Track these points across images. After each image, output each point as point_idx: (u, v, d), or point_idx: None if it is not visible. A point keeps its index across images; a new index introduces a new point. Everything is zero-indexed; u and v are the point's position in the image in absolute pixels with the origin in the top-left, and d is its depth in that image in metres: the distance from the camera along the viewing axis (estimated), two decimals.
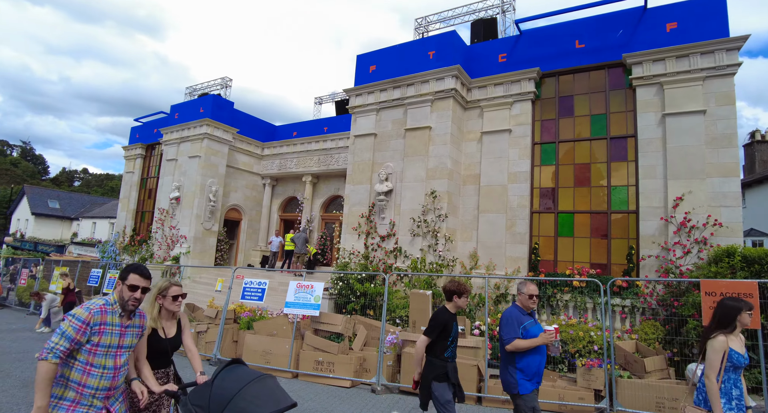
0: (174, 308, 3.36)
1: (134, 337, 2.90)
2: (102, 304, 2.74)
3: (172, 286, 3.37)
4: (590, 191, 10.52)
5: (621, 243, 10.03)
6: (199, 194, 16.57)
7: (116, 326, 2.76)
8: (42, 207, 36.82)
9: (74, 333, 2.56)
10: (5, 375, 6.78)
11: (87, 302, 2.74)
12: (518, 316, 4.03)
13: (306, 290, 7.94)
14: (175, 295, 3.36)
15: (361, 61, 13.11)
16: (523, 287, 4.12)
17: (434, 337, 4.03)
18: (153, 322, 3.24)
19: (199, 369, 3.39)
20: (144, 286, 2.83)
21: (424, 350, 4.10)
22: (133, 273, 2.83)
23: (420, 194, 11.11)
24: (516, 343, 3.88)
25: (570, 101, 11.06)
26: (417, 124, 11.47)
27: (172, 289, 3.36)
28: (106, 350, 2.70)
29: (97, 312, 2.68)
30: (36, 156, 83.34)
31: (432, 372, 4.01)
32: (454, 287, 4.19)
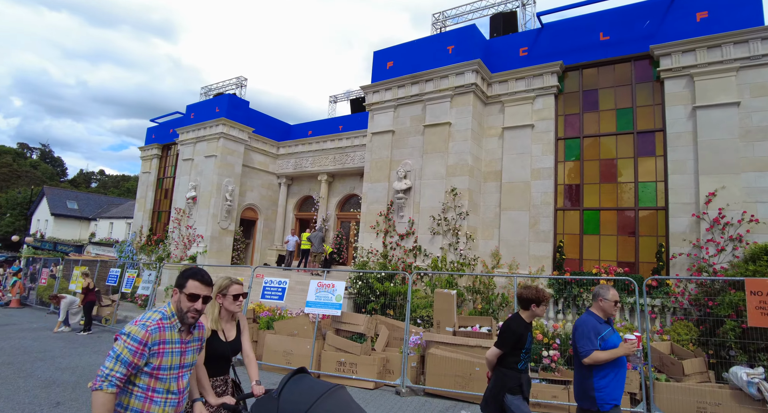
0: (234, 308, 3.09)
1: (195, 353, 2.53)
2: (159, 319, 2.33)
3: (232, 284, 3.10)
4: (616, 188, 10.20)
5: (649, 241, 9.70)
6: (215, 194, 16.54)
7: (176, 343, 2.36)
8: (61, 208, 37.34)
9: (131, 355, 2.17)
10: (27, 375, 6.74)
11: (142, 318, 2.30)
12: (594, 325, 3.61)
13: (327, 290, 7.78)
14: (236, 294, 3.09)
15: (378, 57, 12.93)
16: (606, 292, 3.67)
17: (507, 350, 3.70)
18: (213, 324, 2.97)
19: (255, 378, 3.13)
20: (205, 294, 2.45)
21: (495, 362, 3.81)
22: (192, 280, 2.41)
23: (440, 191, 10.89)
24: (595, 356, 3.47)
25: (594, 95, 10.75)
26: (436, 120, 11.25)
27: (232, 287, 3.09)
28: (168, 373, 2.32)
29: (154, 329, 2.26)
30: (55, 158, 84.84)
31: (505, 384, 3.68)
32: (532, 295, 3.79)
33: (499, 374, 3.77)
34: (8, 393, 5.84)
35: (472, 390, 6.59)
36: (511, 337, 3.71)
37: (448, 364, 6.71)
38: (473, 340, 7.09)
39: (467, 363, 6.64)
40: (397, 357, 7.38)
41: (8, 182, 59.82)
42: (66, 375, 6.86)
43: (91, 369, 7.36)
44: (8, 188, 55.82)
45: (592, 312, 3.74)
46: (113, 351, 2.19)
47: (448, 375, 6.70)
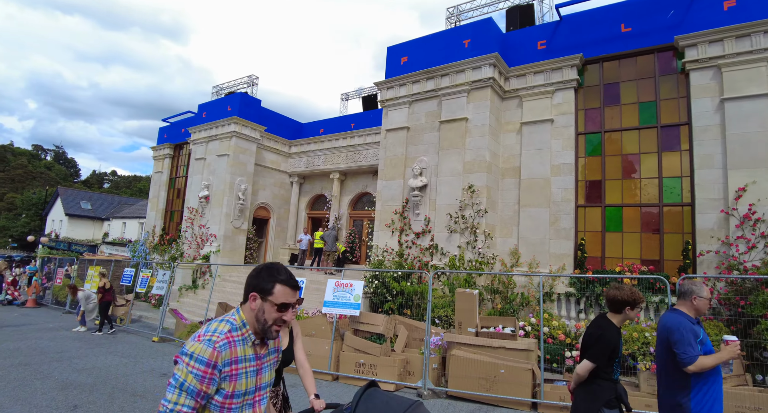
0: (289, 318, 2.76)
1: (272, 369, 2.02)
2: (227, 331, 1.79)
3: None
4: (640, 183, 9.90)
5: (675, 238, 9.39)
6: (228, 193, 16.48)
7: (251, 360, 1.85)
8: (75, 208, 37.69)
9: (198, 383, 1.67)
10: (44, 377, 6.66)
11: (205, 330, 1.79)
12: (691, 327, 3.18)
13: (345, 289, 7.61)
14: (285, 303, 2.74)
15: (391, 52, 12.73)
16: (701, 289, 3.30)
17: (603, 362, 3.26)
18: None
19: (312, 391, 2.70)
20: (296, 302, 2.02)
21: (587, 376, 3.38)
22: (282, 285, 1.87)
23: (457, 188, 10.67)
24: (700, 362, 3.03)
25: (616, 89, 10.44)
26: (452, 115, 11.02)
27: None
28: (242, 399, 1.81)
29: (224, 344, 1.74)
30: (68, 160, 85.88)
31: (600, 397, 3.25)
32: (626, 296, 3.32)
33: (593, 387, 3.31)
34: (26, 396, 5.76)
35: (497, 392, 6.38)
36: (606, 348, 3.26)
37: (471, 366, 6.51)
38: (497, 341, 6.88)
39: (492, 365, 6.43)
40: (418, 359, 7.19)
41: (23, 184, 60.62)
42: (83, 377, 6.78)
43: (108, 370, 7.27)
44: (24, 189, 56.56)
45: (682, 312, 3.30)
46: (174, 378, 1.69)
47: (471, 378, 6.50)
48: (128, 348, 9.37)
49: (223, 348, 1.73)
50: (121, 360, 8.09)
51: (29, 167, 67.51)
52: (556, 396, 6.24)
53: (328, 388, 6.89)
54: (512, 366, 6.41)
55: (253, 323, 1.86)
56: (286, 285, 1.88)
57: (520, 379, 6.31)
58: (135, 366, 7.75)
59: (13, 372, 6.87)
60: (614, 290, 3.41)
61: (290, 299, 1.90)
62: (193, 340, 1.74)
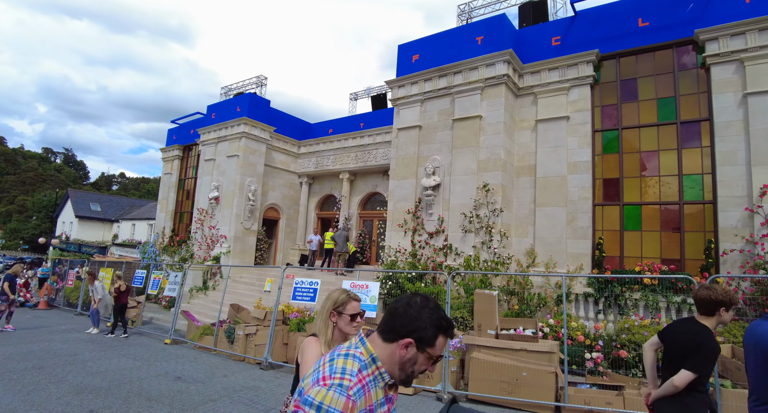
0: (351, 330, 2.44)
1: None
2: (358, 371, 1.41)
3: (350, 301, 2.48)
4: (659, 181, 9.68)
5: (696, 237, 9.17)
6: (238, 194, 16.41)
7: (382, 405, 1.47)
8: (85, 210, 37.90)
9: None
10: (59, 381, 6.58)
11: (330, 370, 1.39)
12: None
13: (361, 290, 7.48)
14: (354, 314, 2.48)
15: (402, 51, 12.58)
16: None
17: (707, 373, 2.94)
18: (326, 348, 2.35)
19: None
20: None
21: None
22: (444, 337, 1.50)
23: (471, 187, 10.51)
24: None
25: (633, 85, 10.24)
26: (466, 113, 10.85)
27: (350, 305, 2.46)
28: None
29: (358, 391, 1.37)
30: (77, 162, 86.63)
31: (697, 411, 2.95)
32: (721, 297, 2.98)
33: (687, 400, 2.96)
34: (40, 401, 5.67)
35: (519, 396, 6.22)
36: (712, 357, 2.91)
37: (492, 369, 6.34)
38: (518, 343, 6.72)
39: (513, 368, 6.26)
40: None
41: (34, 186, 61.16)
42: (97, 381, 6.69)
43: (122, 374, 7.19)
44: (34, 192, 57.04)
45: None
46: None
47: (492, 381, 6.33)
48: (141, 350, 9.29)
49: (358, 396, 1.36)
50: (134, 363, 8.01)
51: (39, 169, 68.13)
52: (581, 399, 6.06)
53: None
54: (535, 368, 6.24)
55: (392, 367, 1.47)
56: (448, 336, 1.51)
57: (543, 382, 6.14)
58: (149, 369, 7.67)
59: (27, 375, 6.80)
60: (705, 290, 3.05)
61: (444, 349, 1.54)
62: (317, 385, 1.34)
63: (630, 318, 8.57)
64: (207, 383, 6.88)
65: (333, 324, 2.42)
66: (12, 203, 59.79)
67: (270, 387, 6.84)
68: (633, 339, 7.91)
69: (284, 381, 7.24)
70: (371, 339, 1.51)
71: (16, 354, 8.27)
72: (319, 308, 2.46)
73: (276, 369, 8.12)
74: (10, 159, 72.48)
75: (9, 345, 9.01)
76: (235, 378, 7.26)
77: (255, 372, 7.74)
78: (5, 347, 8.84)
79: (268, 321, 8.91)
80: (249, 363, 8.50)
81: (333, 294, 2.52)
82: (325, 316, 2.41)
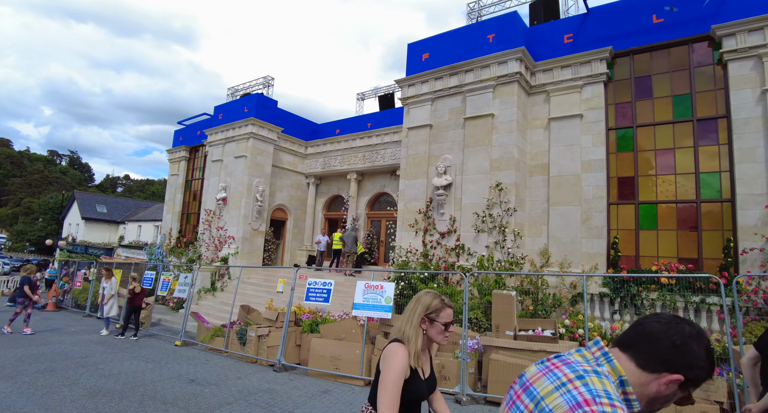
0: (442, 341, 2.19)
1: None
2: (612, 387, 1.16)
3: (445, 307, 2.19)
4: (675, 179, 9.54)
5: (714, 235, 9.02)
6: (246, 195, 16.35)
7: None
8: (91, 212, 37.96)
9: None
10: (72, 384, 6.50)
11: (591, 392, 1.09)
12: None
13: (376, 291, 7.37)
14: (448, 322, 2.19)
15: (412, 49, 12.48)
16: None
17: None
18: (415, 360, 2.09)
19: None
20: None
21: None
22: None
23: (483, 186, 10.39)
24: None
25: (647, 82, 10.09)
26: (478, 112, 10.74)
27: (445, 312, 2.18)
28: None
29: None
30: (82, 164, 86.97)
31: None
32: None
33: None
34: (55, 404, 5.59)
35: None
36: None
37: (512, 371, 6.22)
38: (537, 344, 6.59)
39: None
40: (452, 363, 6.92)
41: (40, 188, 61.40)
42: (110, 383, 6.61)
43: (134, 376, 7.11)
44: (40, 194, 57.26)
45: None
46: None
47: (509, 382, 6.20)
48: (152, 352, 9.21)
49: None
50: (146, 365, 7.93)
51: (45, 172, 68.41)
52: None
53: (360, 394, 6.65)
54: None
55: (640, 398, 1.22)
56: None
57: None
58: (161, 371, 7.59)
59: (39, 378, 6.73)
60: None
61: None
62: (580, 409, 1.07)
63: None
64: (221, 385, 6.79)
65: (423, 331, 2.17)
66: (18, 205, 60.04)
67: (285, 389, 6.74)
68: None
69: (299, 383, 7.15)
70: (623, 364, 1.24)
71: (27, 356, 8.21)
72: (405, 313, 2.20)
73: (289, 370, 8.02)
74: (16, 162, 72.84)
75: (20, 347, 8.96)
76: (249, 381, 7.16)
77: (268, 374, 7.64)
78: (16, 349, 8.78)
79: (280, 323, 8.81)
80: (261, 364, 8.41)
81: (424, 298, 2.22)
82: (416, 322, 2.13)
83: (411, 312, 2.17)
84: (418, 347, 2.10)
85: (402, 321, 2.18)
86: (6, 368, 7.22)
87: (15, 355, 8.22)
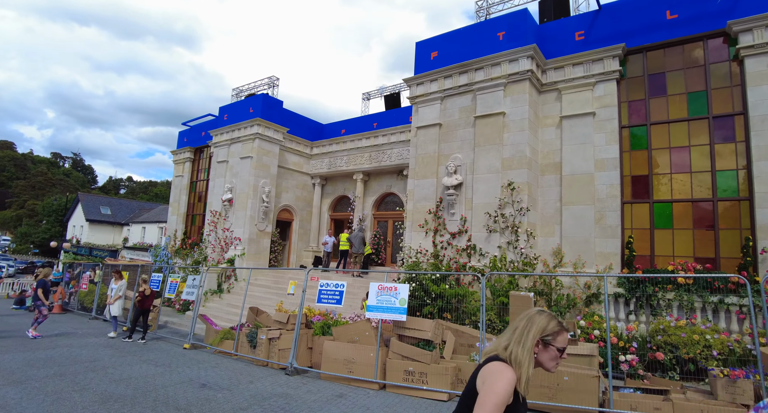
0: (553, 367, 1.98)
1: None
2: None
3: (562, 331, 1.96)
4: (690, 177, 9.38)
5: (731, 234, 8.86)
6: (252, 195, 16.24)
7: None
8: (95, 214, 37.93)
9: None
10: (82, 389, 6.38)
11: None
12: None
13: (389, 293, 7.24)
14: (564, 348, 1.97)
15: (420, 47, 12.35)
16: None
17: None
18: (525, 386, 1.86)
19: None
20: None
21: None
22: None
23: (495, 186, 10.25)
24: None
25: (661, 79, 9.94)
26: (489, 110, 10.60)
27: (562, 336, 1.96)
28: None
29: None
30: (86, 167, 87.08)
31: None
32: None
33: None
34: (66, 410, 5.47)
35: (561, 401, 5.95)
36: None
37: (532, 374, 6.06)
38: None
39: (554, 373, 5.99)
40: (469, 366, 6.79)
41: (43, 191, 61.46)
42: (121, 388, 6.49)
43: (145, 381, 6.99)
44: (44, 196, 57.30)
45: None
46: None
47: (532, 386, 6.06)
48: (161, 355, 9.10)
49: None
50: (156, 369, 7.81)
51: (48, 174, 68.49)
52: (626, 404, 5.80)
53: (375, 399, 6.52)
54: (577, 372, 5.98)
55: None
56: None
57: (587, 387, 5.88)
58: (171, 375, 7.47)
59: (49, 383, 6.61)
60: None
61: None
62: None
63: (665, 318, 8.28)
64: (234, 390, 6.67)
65: (535, 355, 1.93)
66: (22, 207, 60.12)
67: (299, 393, 6.61)
68: (669, 340, 7.62)
69: (312, 387, 7.02)
70: None
71: (35, 360, 8.10)
72: (514, 333, 1.95)
73: (302, 374, 7.89)
74: (20, 164, 72.98)
75: (27, 351, 8.85)
76: (262, 385, 7.03)
77: (281, 378, 7.52)
78: (24, 353, 8.68)
79: (291, 325, 8.69)
80: (273, 368, 8.28)
81: (539, 319, 1.96)
82: (530, 345, 1.88)
83: (523, 333, 1.92)
84: (530, 372, 1.88)
85: (509, 340, 1.94)
86: (15, 373, 7.12)
87: (23, 359, 8.12)
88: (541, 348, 1.92)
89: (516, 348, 1.88)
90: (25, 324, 12.59)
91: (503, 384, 1.73)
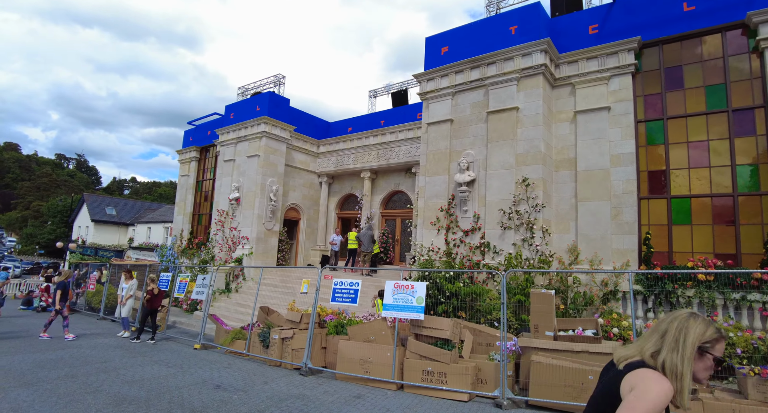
0: (705, 378, 1.74)
1: None
2: None
3: (721, 338, 1.73)
4: (709, 172, 9.19)
5: (753, 230, 8.66)
6: (259, 194, 16.12)
7: None
8: (100, 214, 37.90)
9: None
10: (95, 391, 6.26)
11: None
12: None
13: (406, 291, 7.09)
14: (720, 358, 1.75)
15: (430, 43, 12.19)
16: None
17: None
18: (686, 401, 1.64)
19: None
20: None
21: None
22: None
23: (509, 182, 10.08)
24: None
25: (678, 72, 9.75)
26: (502, 105, 10.43)
27: (720, 344, 1.73)
28: None
29: None
30: (90, 168, 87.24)
31: None
32: None
33: None
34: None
35: (585, 401, 5.77)
36: None
37: (555, 373, 5.92)
38: (578, 345, 6.29)
39: (578, 372, 5.84)
40: (489, 366, 6.63)
41: (48, 192, 61.58)
42: (135, 390, 6.37)
43: (158, 382, 6.87)
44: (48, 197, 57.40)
45: None
46: None
47: (555, 386, 5.91)
48: (172, 356, 8.98)
49: None
50: (168, 370, 7.69)
51: (53, 175, 68.64)
52: None
53: (394, 399, 6.37)
54: (597, 372, 5.80)
55: None
56: None
57: None
58: (184, 376, 7.34)
59: (61, 385, 6.50)
60: None
61: None
62: None
63: None
64: (249, 391, 6.53)
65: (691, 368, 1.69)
66: (27, 208, 60.26)
67: (316, 394, 6.47)
68: None
69: (329, 387, 6.88)
70: None
71: (46, 361, 7.99)
72: (665, 337, 1.72)
73: (316, 374, 7.76)
74: (25, 165, 73.18)
75: (37, 352, 8.75)
76: (277, 386, 6.90)
77: (295, 379, 7.38)
78: (34, 354, 8.57)
79: (304, 324, 8.56)
80: (286, 368, 8.15)
81: (695, 325, 1.71)
82: (689, 353, 1.64)
83: (678, 340, 1.69)
84: (689, 384, 1.65)
85: (657, 346, 1.72)
86: (26, 374, 7.01)
87: (34, 360, 8.01)
88: (700, 361, 1.71)
89: (673, 356, 1.67)
90: (33, 324, 12.51)
91: (660, 395, 1.54)
